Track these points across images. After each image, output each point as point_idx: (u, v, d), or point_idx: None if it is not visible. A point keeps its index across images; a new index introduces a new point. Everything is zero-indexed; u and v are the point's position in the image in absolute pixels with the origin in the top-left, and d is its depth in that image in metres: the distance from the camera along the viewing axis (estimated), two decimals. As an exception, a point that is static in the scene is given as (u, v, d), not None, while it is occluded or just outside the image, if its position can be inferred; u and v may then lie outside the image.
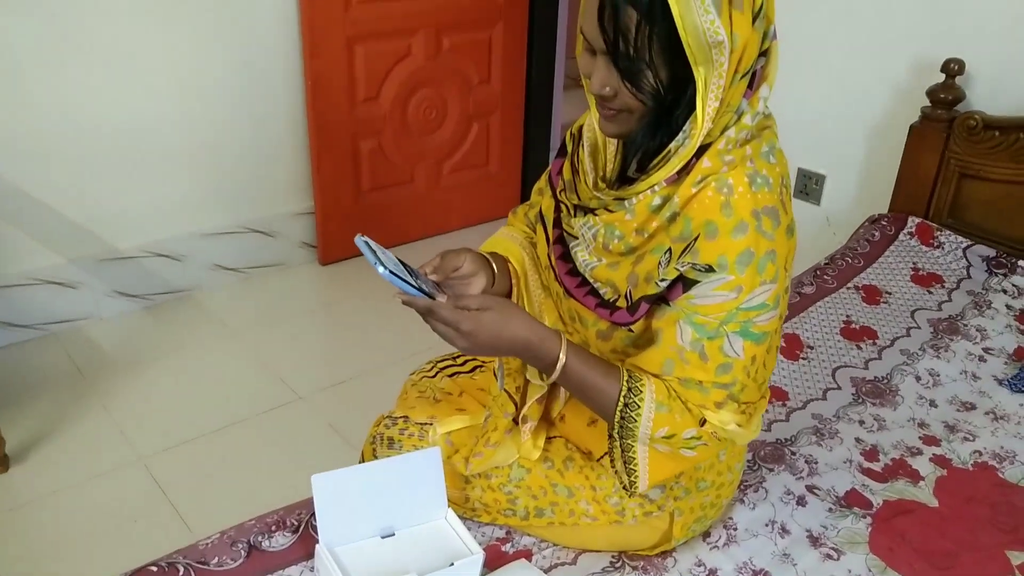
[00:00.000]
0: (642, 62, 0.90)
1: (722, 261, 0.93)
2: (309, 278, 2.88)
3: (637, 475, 1.05)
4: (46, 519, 1.82)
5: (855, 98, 2.29)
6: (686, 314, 0.96)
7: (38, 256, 2.38)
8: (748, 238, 0.93)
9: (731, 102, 0.92)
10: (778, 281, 0.96)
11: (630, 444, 1.03)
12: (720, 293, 0.94)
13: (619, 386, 1.00)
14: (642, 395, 0.99)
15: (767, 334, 0.98)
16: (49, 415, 2.12)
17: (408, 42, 2.82)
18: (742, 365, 0.98)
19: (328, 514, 1.06)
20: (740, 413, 1.01)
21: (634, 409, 0.99)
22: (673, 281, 0.97)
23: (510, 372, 1.19)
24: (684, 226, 0.95)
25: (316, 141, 2.73)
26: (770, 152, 0.98)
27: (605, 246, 1.04)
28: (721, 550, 1.20)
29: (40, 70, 2.21)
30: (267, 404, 2.21)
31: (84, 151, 2.35)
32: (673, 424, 0.99)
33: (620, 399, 1.00)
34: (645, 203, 0.98)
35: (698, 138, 0.92)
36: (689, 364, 0.97)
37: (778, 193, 0.96)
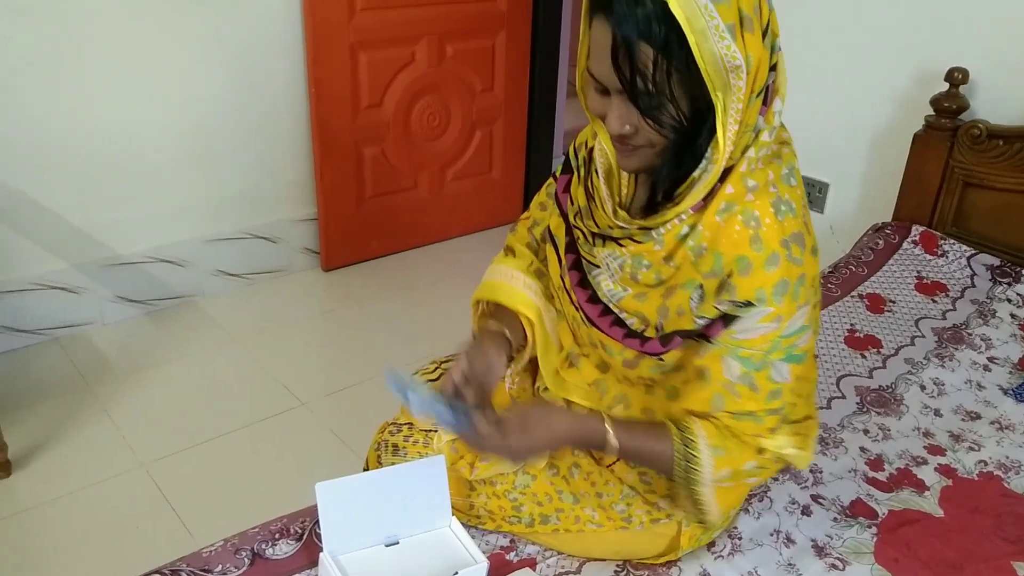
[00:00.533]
0: (662, 96, 0.88)
1: (760, 295, 0.94)
2: (312, 284, 2.88)
3: (706, 511, 1.07)
4: (48, 525, 1.81)
5: (859, 107, 2.29)
6: (730, 349, 0.97)
7: (41, 262, 2.38)
8: (781, 268, 0.93)
9: (748, 122, 0.92)
10: (811, 302, 0.97)
11: (696, 490, 1.04)
12: (762, 325, 0.95)
13: (671, 444, 1.01)
14: (696, 445, 1.00)
15: (808, 353, 1.00)
16: (52, 420, 2.12)
17: (411, 49, 2.82)
18: (790, 388, 1.00)
19: (332, 522, 1.05)
20: (795, 435, 1.03)
21: (693, 461, 1.01)
22: (713, 319, 0.97)
23: (515, 373, 1.20)
24: (715, 262, 0.95)
25: (319, 147, 2.73)
26: (790, 174, 0.98)
27: (633, 276, 1.03)
28: (726, 559, 1.20)
29: (43, 77, 2.22)
30: (270, 410, 2.21)
31: (87, 157, 2.36)
32: (733, 462, 1.01)
33: (677, 455, 1.01)
34: (674, 232, 0.98)
35: (721, 163, 0.91)
36: (740, 397, 0.99)
37: (801, 216, 0.97)
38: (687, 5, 0.83)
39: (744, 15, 0.86)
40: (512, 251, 1.30)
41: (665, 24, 0.84)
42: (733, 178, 0.94)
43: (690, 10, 0.83)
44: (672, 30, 0.84)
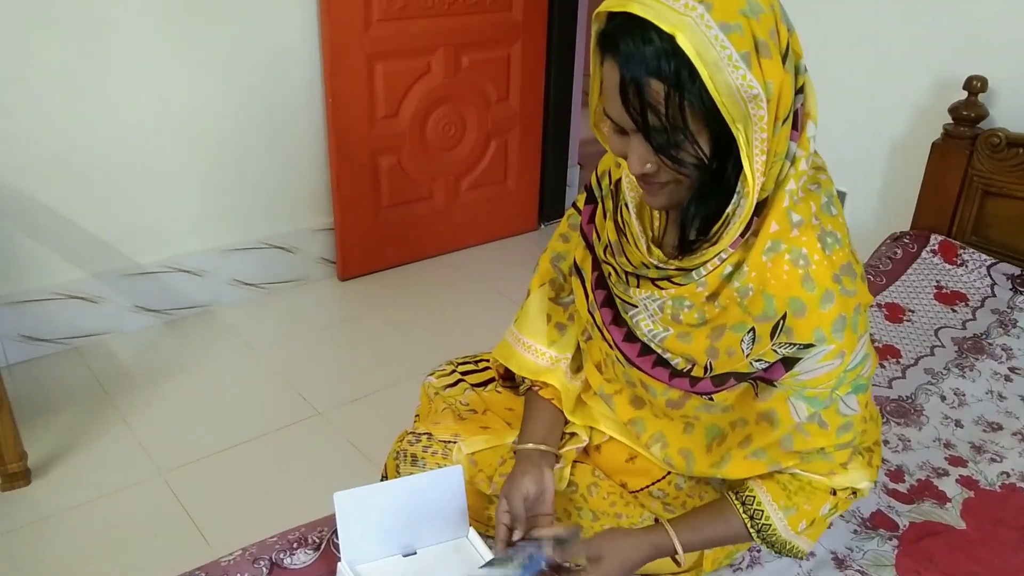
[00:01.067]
0: (679, 133, 0.85)
1: (819, 335, 0.92)
2: (328, 294, 2.89)
3: (801, 550, 1.08)
4: (67, 533, 1.83)
5: (877, 115, 2.28)
6: (795, 391, 0.96)
7: (61, 271, 2.40)
8: (837, 305, 0.91)
9: (778, 150, 0.88)
10: (867, 328, 0.97)
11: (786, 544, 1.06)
12: (826, 364, 0.94)
13: (740, 520, 1.03)
14: (765, 513, 1.02)
15: (871, 379, 1.00)
16: (71, 429, 2.14)
17: (427, 60, 2.84)
18: (860, 417, 0.99)
19: (350, 532, 1.05)
20: (867, 466, 1.04)
21: (768, 529, 1.02)
22: (773, 363, 0.95)
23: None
24: (766, 305, 0.93)
25: (336, 157, 2.75)
26: (830, 203, 0.96)
27: (675, 317, 1.00)
28: (745, 572, 1.19)
29: (65, 87, 2.24)
30: (287, 419, 2.21)
31: (107, 168, 2.38)
32: (807, 514, 1.02)
33: (750, 530, 1.03)
34: (717, 273, 0.94)
35: (753, 196, 0.87)
36: (810, 435, 0.98)
37: (848, 246, 0.95)
38: (696, 38, 0.80)
39: (759, 41, 0.82)
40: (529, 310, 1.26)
41: (675, 59, 0.81)
42: (776, 214, 0.91)
43: (700, 43, 0.80)
44: (683, 64, 0.81)
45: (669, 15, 0.81)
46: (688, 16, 0.80)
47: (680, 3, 0.81)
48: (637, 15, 0.82)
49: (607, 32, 0.86)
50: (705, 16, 0.80)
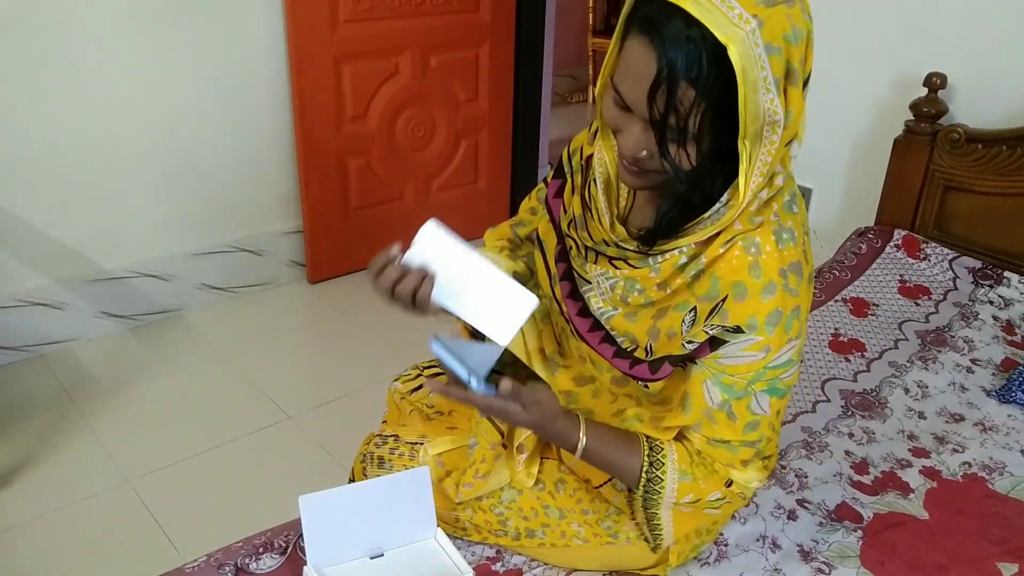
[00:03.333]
0: (689, 138, 0.85)
1: (752, 322, 0.92)
2: (298, 297, 2.87)
3: (662, 535, 1.08)
4: (34, 542, 1.80)
5: (840, 112, 2.31)
6: (713, 374, 0.96)
7: (24, 277, 2.36)
8: (776, 298, 0.92)
9: (773, 170, 0.90)
10: (800, 335, 0.96)
11: (654, 512, 1.05)
12: (749, 354, 0.94)
13: (640, 460, 1.01)
14: (664, 468, 1.00)
15: (789, 388, 0.99)
16: (36, 437, 2.10)
17: (395, 61, 2.83)
18: (768, 421, 0.99)
19: (316, 535, 1.05)
20: (763, 470, 1.04)
21: (657, 483, 1.01)
22: (701, 343, 0.95)
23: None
24: (711, 285, 0.94)
25: (304, 160, 2.73)
26: (792, 201, 0.97)
27: (623, 299, 1.02)
28: (712, 566, 1.20)
29: (25, 91, 2.21)
30: (256, 424, 2.19)
31: (69, 172, 2.35)
32: (698, 491, 1.01)
33: (643, 474, 1.01)
34: (672, 261, 0.96)
35: (738, 209, 0.89)
36: (717, 424, 0.98)
37: (801, 244, 0.95)
38: (746, 54, 0.78)
39: (791, 68, 0.82)
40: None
41: (715, 68, 0.79)
42: (741, 216, 0.92)
43: (748, 60, 0.79)
44: (721, 75, 0.79)
45: (724, 24, 0.79)
46: (742, 29, 0.79)
47: (735, 13, 0.79)
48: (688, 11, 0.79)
49: (651, 15, 0.82)
50: (756, 33, 0.79)
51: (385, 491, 1.10)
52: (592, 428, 1.03)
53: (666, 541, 1.08)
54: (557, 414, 1.01)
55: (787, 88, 0.83)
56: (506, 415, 0.98)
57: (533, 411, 0.98)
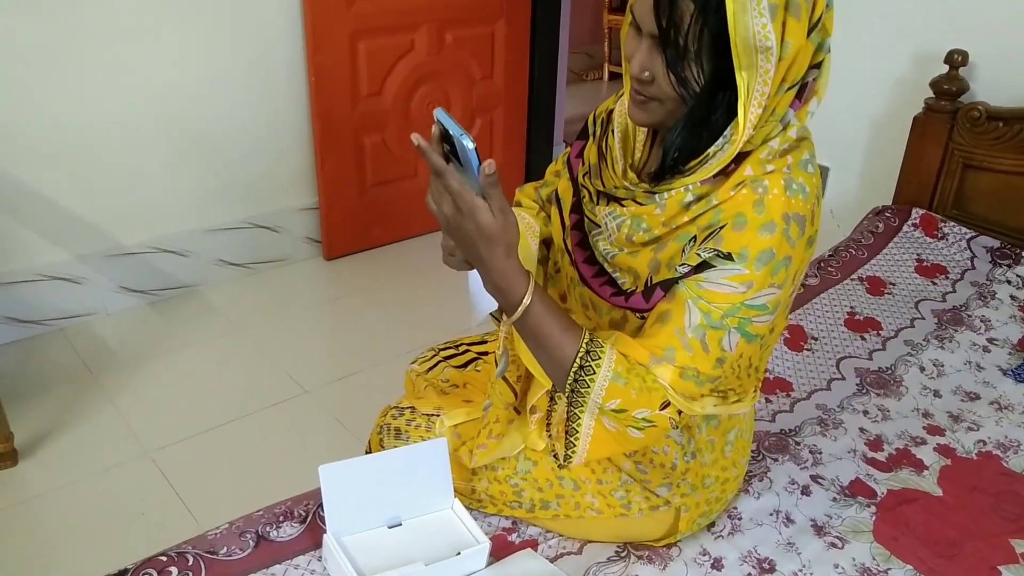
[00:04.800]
0: (689, 54, 0.88)
1: (743, 252, 0.92)
2: (314, 273, 2.89)
3: (576, 448, 1.02)
4: (54, 513, 1.83)
5: (858, 90, 2.29)
6: (693, 296, 0.95)
7: (45, 252, 2.39)
8: (773, 239, 0.92)
9: (776, 111, 0.91)
10: (784, 288, 0.96)
11: (576, 414, 1.00)
12: (729, 284, 0.94)
13: (577, 347, 0.96)
14: (600, 360, 0.95)
15: (758, 336, 0.98)
16: (57, 410, 2.14)
17: (411, 37, 2.82)
18: (732, 360, 0.98)
19: (335, 504, 1.06)
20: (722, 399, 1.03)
21: (589, 373, 0.95)
22: (692, 266, 0.95)
23: (514, 359, 1.19)
24: (714, 216, 0.95)
25: (320, 136, 2.73)
26: (809, 162, 0.97)
27: (629, 237, 1.02)
28: (726, 539, 1.21)
29: (44, 69, 2.22)
30: (273, 398, 2.22)
31: (89, 148, 2.36)
32: (627, 399, 0.95)
33: (576, 360, 0.96)
34: (676, 199, 0.97)
35: (738, 144, 0.91)
36: (692, 351, 0.95)
37: (811, 204, 0.95)
38: None
39: (793, 0, 0.85)
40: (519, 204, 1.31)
41: None
42: (752, 161, 0.93)
43: None
44: None
45: None
46: None
47: None
48: None
49: None
50: None
51: (403, 461, 1.11)
52: (540, 291, 0.97)
53: (577, 457, 1.03)
54: (514, 246, 0.94)
55: (787, 19, 0.85)
56: (472, 211, 0.90)
57: (499, 220, 0.90)
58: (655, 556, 1.17)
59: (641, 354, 0.96)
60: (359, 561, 1.04)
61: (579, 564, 1.15)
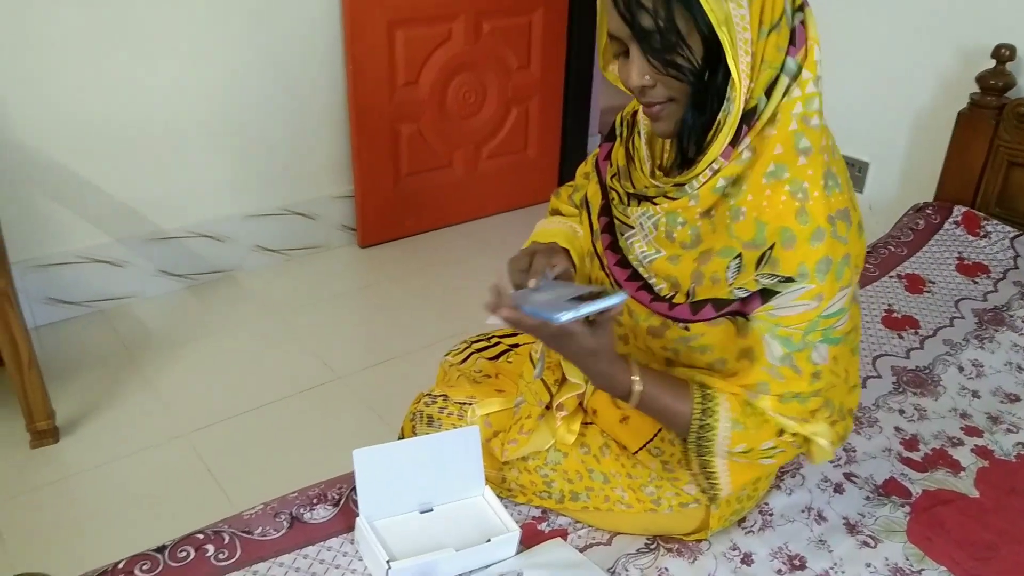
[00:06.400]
0: (670, 35, 0.88)
1: (802, 270, 0.91)
2: (348, 260, 2.91)
3: (718, 484, 1.06)
4: (93, 489, 1.87)
5: (901, 84, 2.25)
6: (769, 327, 0.95)
7: (87, 235, 2.44)
8: (825, 245, 0.91)
9: (767, 57, 0.90)
10: (852, 282, 0.96)
11: (707, 460, 1.03)
12: (801, 303, 0.93)
13: (691, 406, 1.00)
14: (716, 415, 0.99)
15: (845, 335, 0.98)
16: (97, 390, 2.18)
17: (448, 27, 2.82)
18: (829, 368, 0.98)
19: (369, 488, 1.08)
20: (832, 427, 1.02)
21: (709, 430, 0.99)
22: (752, 293, 0.95)
23: (550, 365, 1.20)
24: (757, 232, 0.93)
25: (356, 125, 2.75)
26: (833, 146, 0.96)
27: (668, 235, 1.01)
28: (756, 535, 1.20)
29: (89, 55, 2.26)
30: (305, 383, 2.25)
31: (131, 134, 2.40)
32: (749, 440, 0.99)
33: (694, 420, 1.00)
34: (709, 186, 0.96)
35: (740, 98, 0.90)
36: (784, 379, 0.97)
37: (847, 191, 0.94)
38: None
39: None
40: (559, 212, 1.30)
41: None
42: (782, 136, 0.92)
43: None
44: None
45: None
46: None
47: None
48: None
49: None
50: None
51: (436, 448, 1.12)
52: (644, 370, 1.01)
53: (724, 491, 1.07)
54: (612, 352, 0.98)
55: None
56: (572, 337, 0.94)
57: (599, 336, 0.94)
58: (684, 549, 1.17)
59: (739, 393, 0.99)
60: (391, 545, 1.05)
61: (608, 555, 1.16)
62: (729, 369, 1.01)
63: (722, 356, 1.02)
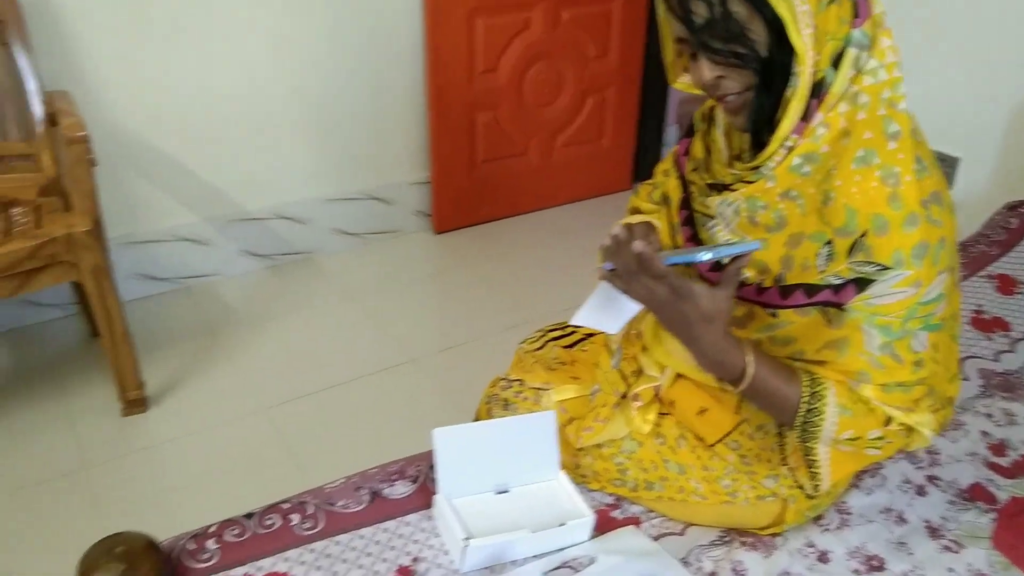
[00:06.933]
0: (730, 24, 0.88)
1: (898, 257, 0.90)
2: (423, 246, 2.96)
3: (819, 475, 1.05)
4: (177, 458, 1.96)
5: (995, 76, 2.16)
6: (867, 317, 0.94)
7: (176, 214, 2.54)
8: (920, 230, 0.89)
9: (829, 29, 0.89)
10: (949, 266, 0.94)
11: (811, 447, 1.03)
12: (900, 290, 0.92)
13: (799, 391, 0.98)
14: (824, 400, 0.97)
15: (946, 320, 0.96)
16: (182, 363, 2.28)
17: (528, 15, 2.83)
18: (930, 356, 0.97)
19: (448, 466, 1.10)
20: (933, 412, 1.00)
21: (816, 415, 0.98)
22: (846, 282, 0.94)
23: (626, 356, 1.20)
24: (848, 218, 0.91)
25: (435, 112, 2.78)
26: (918, 128, 0.95)
27: (751, 219, 1.01)
28: (833, 533, 1.18)
29: (181, 40, 2.34)
30: (380, 364, 2.30)
31: (219, 117, 2.49)
32: (858, 427, 0.98)
33: (803, 404, 0.98)
34: (784, 166, 0.95)
35: (806, 71, 0.89)
36: (886, 368, 0.95)
37: (937, 173, 0.93)
38: None
39: None
40: (638, 210, 1.31)
41: None
42: (871, 121, 0.91)
43: None
44: None
45: None
46: None
47: None
48: None
49: None
50: None
51: (513, 430, 1.14)
52: (757, 352, 0.98)
53: (824, 484, 1.05)
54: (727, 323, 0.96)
55: None
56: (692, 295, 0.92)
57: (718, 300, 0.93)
58: (759, 544, 1.16)
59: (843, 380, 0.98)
60: (469, 523, 1.07)
61: (681, 545, 1.16)
62: (818, 359, 1.00)
63: (803, 348, 1.01)
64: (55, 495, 1.83)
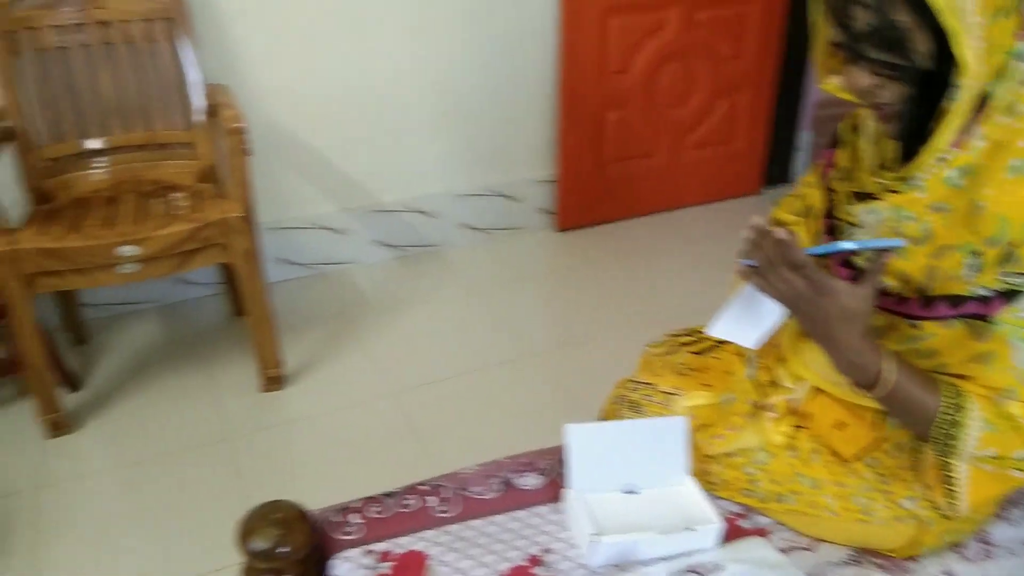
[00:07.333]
0: (893, 33, 0.86)
1: None
2: (546, 243, 3.00)
3: (957, 495, 1.01)
4: (310, 435, 2.07)
5: None
6: (1015, 330, 0.91)
7: (317, 203, 2.67)
8: None
9: (998, 41, 0.85)
10: None
11: (949, 462, 0.99)
12: None
13: (939, 401, 0.95)
14: (965, 411, 0.94)
15: None
16: (317, 345, 2.40)
17: (662, 16, 2.81)
18: None
19: (579, 462, 1.13)
20: None
21: (957, 427, 0.94)
22: (995, 294, 0.91)
23: (762, 366, 1.19)
24: (1000, 228, 0.89)
25: (565, 111, 2.81)
26: None
27: (895, 230, 0.99)
28: (974, 563, 1.14)
29: (325, 37, 2.46)
30: (501, 356, 2.35)
31: (358, 112, 2.60)
32: (1001, 445, 0.94)
33: (943, 415, 0.95)
34: (938, 177, 0.93)
35: (971, 84, 0.86)
36: None
37: None
38: None
39: None
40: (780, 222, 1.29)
41: None
42: None
43: None
44: None
45: None
46: None
47: None
48: None
49: None
50: None
51: (643, 433, 1.15)
52: (897, 358, 0.95)
53: (961, 504, 1.01)
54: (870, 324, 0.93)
55: None
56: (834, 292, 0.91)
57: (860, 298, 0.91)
58: (893, 567, 1.13)
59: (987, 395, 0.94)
60: (600, 519, 1.10)
61: (810, 560, 1.14)
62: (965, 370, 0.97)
63: (946, 361, 0.98)
64: (199, 461, 1.97)
